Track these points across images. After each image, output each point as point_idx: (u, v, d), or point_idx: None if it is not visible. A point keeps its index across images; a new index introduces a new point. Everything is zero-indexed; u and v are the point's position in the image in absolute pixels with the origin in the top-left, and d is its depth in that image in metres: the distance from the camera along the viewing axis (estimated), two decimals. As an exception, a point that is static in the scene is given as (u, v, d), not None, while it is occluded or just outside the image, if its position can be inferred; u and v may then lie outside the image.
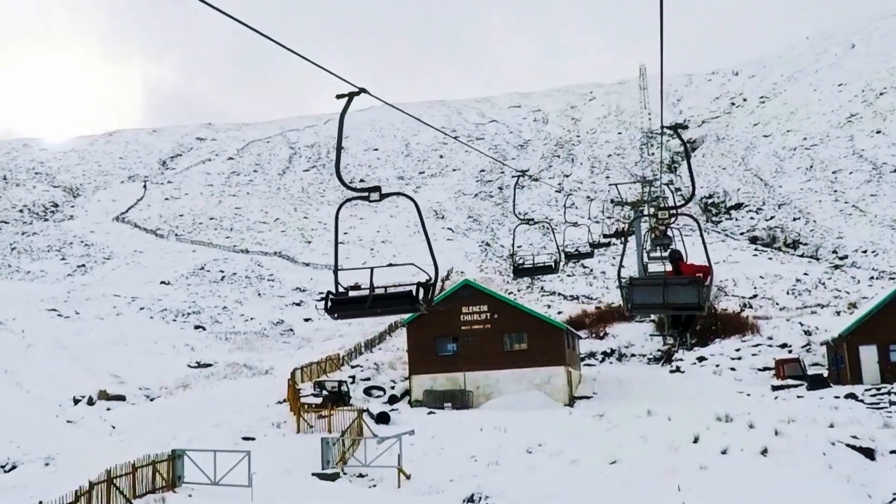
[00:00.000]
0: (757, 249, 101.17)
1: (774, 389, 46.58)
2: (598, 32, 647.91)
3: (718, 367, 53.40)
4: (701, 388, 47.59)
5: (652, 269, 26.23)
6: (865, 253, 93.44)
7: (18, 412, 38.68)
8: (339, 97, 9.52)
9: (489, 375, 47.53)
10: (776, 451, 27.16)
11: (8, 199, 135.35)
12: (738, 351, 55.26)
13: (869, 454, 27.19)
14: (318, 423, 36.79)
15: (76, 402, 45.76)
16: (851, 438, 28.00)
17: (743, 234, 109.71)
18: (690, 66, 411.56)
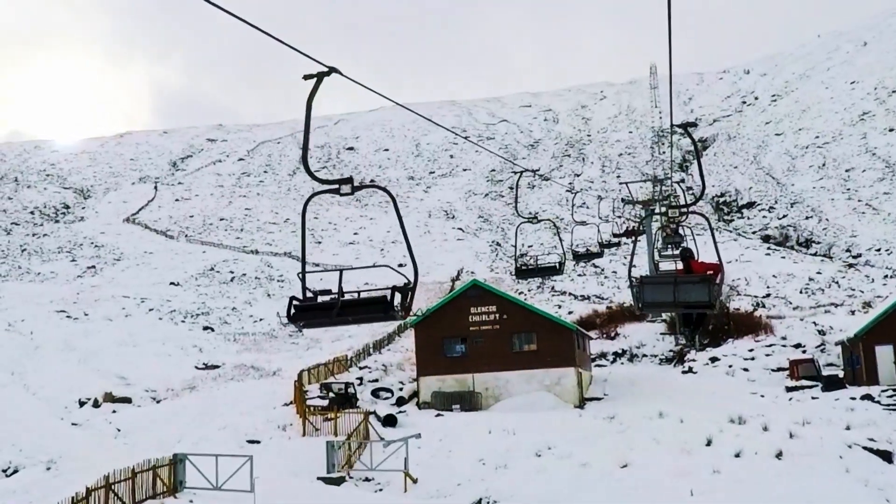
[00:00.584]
0: (770, 248, 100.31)
1: (789, 390, 45.98)
2: (608, 32, 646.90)
3: (731, 367, 52.74)
4: (714, 388, 46.90)
5: (663, 267, 25.88)
6: (879, 251, 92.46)
7: (23, 415, 38.47)
8: (306, 78, 8.67)
9: (498, 377, 46.81)
10: (791, 453, 26.64)
11: (19, 200, 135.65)
12: (751, 351, 54.58)
13: (887, 457, 26.68)
14: (324, 425, 36.25)
15: (81, 404, 45.43)
16: (868, 441, 27.48)
17: (755, 232, 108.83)
18: (702, 64, 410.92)
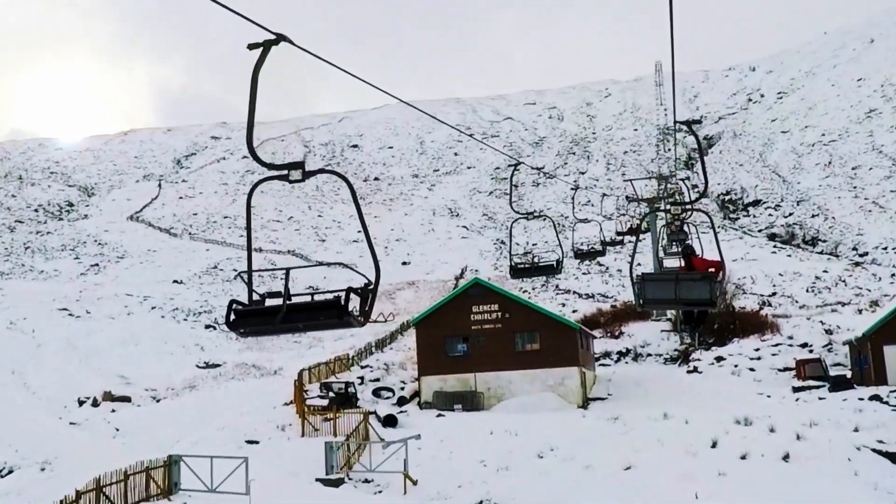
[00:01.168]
0: (775, 246, 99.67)
1: (795, 391, 45.21)
2: (613, 29, 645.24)
3: (737, 367, 51.87)
4: (719, 389, 46.22)
5: (667, 264, 25.54)
6: (886, 250, 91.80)
7: (20, 414, 38.16)
8: (251, 47, 7.33)
9: (500, 376, 46.16)
10: (798, 456, 26.15)
11: (23, 198, 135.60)
12: (757, 351, 53.65)
13: (896, 459, 26.13)
14: (323, 425, 35.78)
15: (81, 403, 45.16)
16: (877, 443, 27.04)
17: (761, 231, 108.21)
18: (707, 62, 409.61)
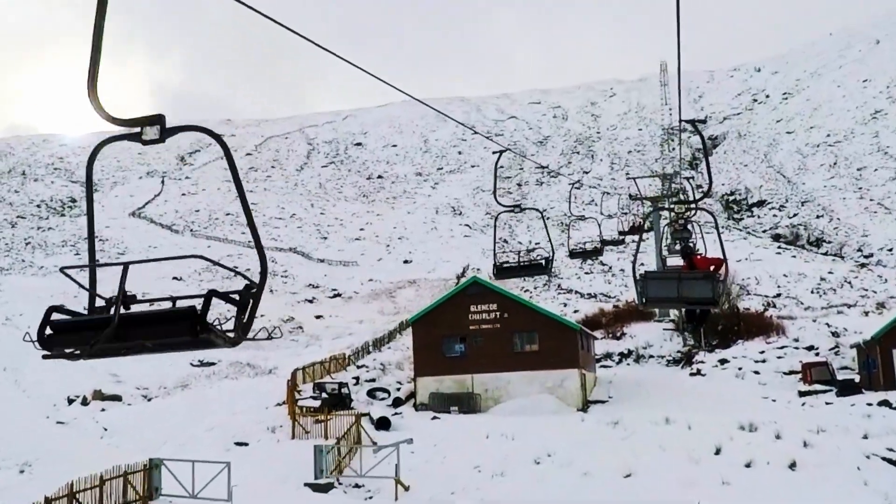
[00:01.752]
0: (780, 247, 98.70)
1: (801, 395, 44.11)
2: (618, 29, 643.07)
3: (741, 370, 50.76)
4: (723, 392, 45.13)
5: (671, 263, 24.89)
6: (892, 251, 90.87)
7: (7, 413, 37.24)
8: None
9: (498, 378, 44.88)
10: (805, 464, 25.25)
11: (26, 193, 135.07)
12: (762, 353, 52.50)
13: (907, 468, 25.14)
14: (314, 427, 34.68)
15: (70, 402, 44.30)
16: (888, 451, 26.06)
17: (765, 231, 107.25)
18: (712, 62, 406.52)
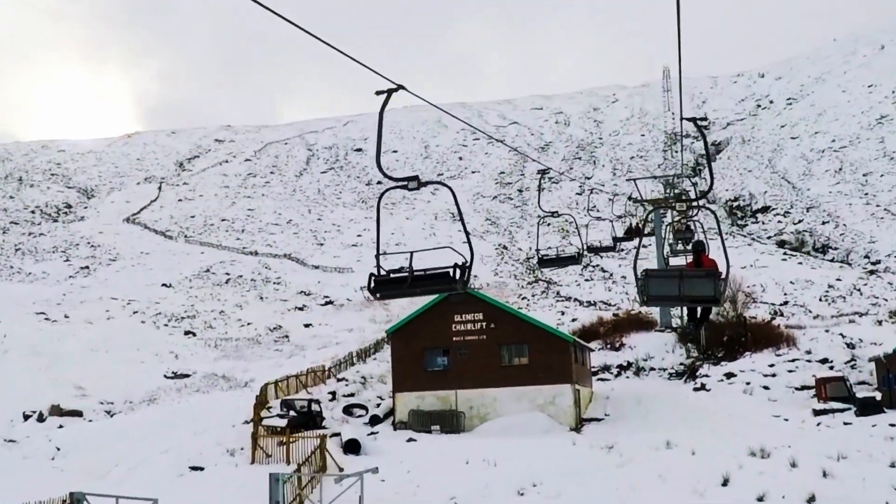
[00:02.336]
0: (786, 254, 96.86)
1: (816, 414, 40.17)
2: (621, 35, 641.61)
3: (749, 384, 46.92)
4: (729, 409, 41.27)
5: (673, 263, 24.46)
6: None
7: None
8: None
9: (484, 394, 41.66)
10: (826, 498, 22.05)
11: (21, 199, 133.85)
12: (771, 366, 48.53)
13: (943, 504, 21.62)
14: (277, 451, 31.55)
15: (26, 418, 41.76)
16: (919, 482, 22.70)
17: (770, 237, 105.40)
18: (715, 68, 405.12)
